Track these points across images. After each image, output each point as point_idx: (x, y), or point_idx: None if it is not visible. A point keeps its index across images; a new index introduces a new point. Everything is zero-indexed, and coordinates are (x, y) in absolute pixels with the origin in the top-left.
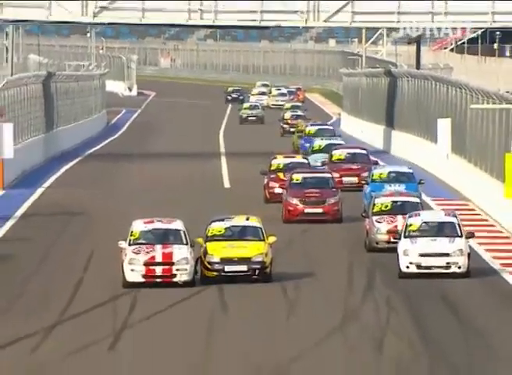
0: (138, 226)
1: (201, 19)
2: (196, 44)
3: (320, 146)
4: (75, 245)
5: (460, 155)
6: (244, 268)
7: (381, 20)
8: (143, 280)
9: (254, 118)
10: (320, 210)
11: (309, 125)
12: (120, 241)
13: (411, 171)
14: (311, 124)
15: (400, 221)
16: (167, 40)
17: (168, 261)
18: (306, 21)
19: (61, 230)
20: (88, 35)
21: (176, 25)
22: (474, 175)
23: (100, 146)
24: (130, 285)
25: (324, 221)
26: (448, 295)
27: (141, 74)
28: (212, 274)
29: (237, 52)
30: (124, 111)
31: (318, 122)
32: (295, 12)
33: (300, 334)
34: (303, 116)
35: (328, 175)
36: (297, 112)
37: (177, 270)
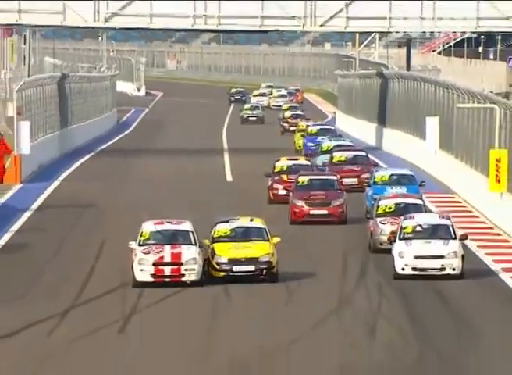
0: (148, 227)
1: (205, 24)
2: (200, 47)
3: (329, 147)
4: (87, 236)
5: (447, 151)
6: (252, 268)
7: (373, 25)
8: (152, 280)
9: (255, 118)
10: (325, 212)
11: (311, 125)
12: (130, 242)
13: (412, 173)
14: (314, 124)
15: None
16: (173, 43)
17: (176, 261)
18: (303, 26)
19: (74, 222)
20: (100, 39)
21: (182, 29)
22: (460, 170)
23: (111, 142)
24: (140, 284)
25: (329, 222)
26: (441, 290)
27: (149, 75)
28: (220, 274)
29: (239, 55)
30: (133, 110)
31: (319, 122)
32: (293, 18)
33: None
34: (302, 115)
35: (333, 177)
36: (297, 112)
37: (185, 270)
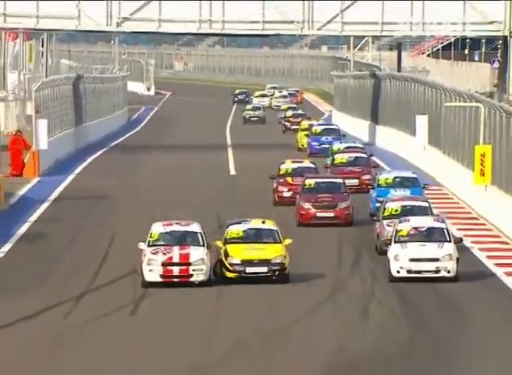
0: (157, 228)
1: (210, 28)
2: (206, 49)
3: (339, 148)
4: (100, 226)
5: (436, 147)
6: (265, 269)
7: (367, 29)
8: (161, 280)
9: (256, 118)
10: (331, 214)
11: (316, 125)
12: (140, 243)
13: (415, 176)
14: (318, 124)
15: None
16: (180, 46)
17: (185, 261)
18: (301, 30)
19: (88, 213)
20: (112, 42)
21: (189, 33)
22: (447, 164)
23: (122, 139)
24: (149, 285)
25: (335, 225)
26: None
27: (158, 76)
28: (233, 275)
29: (242, 57)
30: (143, 108)
31: (321, 121)
32: (292, 22)
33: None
34: (303, 115)
35: (339, 180)
36: (298, 111)
37: (194, 270)
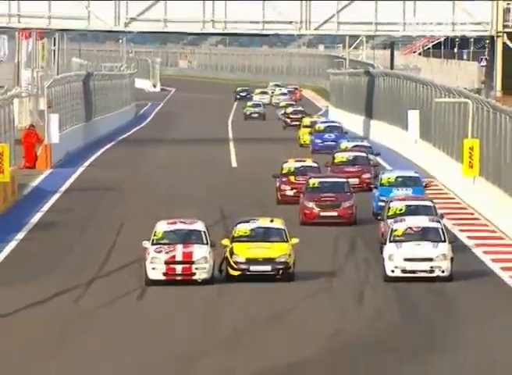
0: (161, 226)
1: (213, 28)
2: (209, 48)
3: (346, 147)
4: (109, 215)
5: (427, 141)
6: (268, 268)
7: (361, 29)
8: (164, 278)
9: (257, 115)
10: (335, 213)
11: (319, 122)
12: (144, 241)
13: (417, 175)
14: (321, 121)
15: None
16: (185, 45)
17: (188, 260)
18: (299, 29)
19: (97, 203)
20: (120, 41)
21: (193, 33)
22: (438, 157)
23: (130, 133)
24: (152, 283)
25: (339, 224)
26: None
27: (163, 74)
28: (238, 273)
29: (243, 56)
30: (150, 104)
31: (323, 119)
32: (290, 23)
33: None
34: (303, 111)
35: (343, 179)
36: (298, 108)
37: (196, 269)
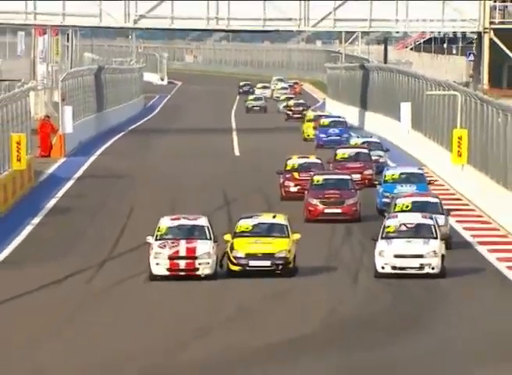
0: (165, 222)
1: (217, 25)
2: (213, 44)
3: (356, 143)
4: (119, 201)
5: (418, 131)
6: (268, 263)
7: (356, 26)
8: (167, 273)
9: (258, 108)
10: (339, 210)
11: (324, 117)
12: (148, 236)
13: (421, 172)
14: (326, 116)
15: None
16: (191, 41)
17: (191, 255)
18: (298, 26)
19: (108, 189)
20: (130, 37)
21: (198, 29)
22: (428, 146)
23: (139, 123)
24: (156, 278)
25: (343, 221)
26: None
27: (170, 68)
28: (237, 268)
29: (245, 51)
30: (157, 96)
31: (326, 113)
32: (290, 20)
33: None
34: (304, 104)
35: (347, 177)
36: (300, 101)
37: (199, 264)
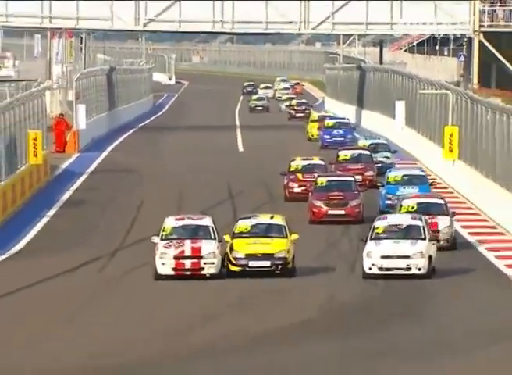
0: (170, 222)
1: (222, 27)
2: (218, 46)
3: (364, 145)
4: (130, 194)
5: (412, 128)
6: (267, 263)
7: (354, 29)
8: (173, 273)
9: (261, 107)
10: (342, 212)
11: (328, 118)
12: (153, 237)
13: (423, 173)
14: (330, 117)
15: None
16: (197, 43)
17: (196, 255)
18: (299, 29)
19: (119, 183)
20: (140, 40)
21: (204, 32)
22: (421, 142)
23: (148, 121)
24: (161, 278)
25: (346, 222)
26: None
27: (178, 68)
28: (237, 269)
29: (248, 52)
30: (166, 95)
31: (331, 114)
32: (291, 23)
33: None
34: (306, 103)
35: (350, 178)
36: (302, 100)
37: (205, 264)
